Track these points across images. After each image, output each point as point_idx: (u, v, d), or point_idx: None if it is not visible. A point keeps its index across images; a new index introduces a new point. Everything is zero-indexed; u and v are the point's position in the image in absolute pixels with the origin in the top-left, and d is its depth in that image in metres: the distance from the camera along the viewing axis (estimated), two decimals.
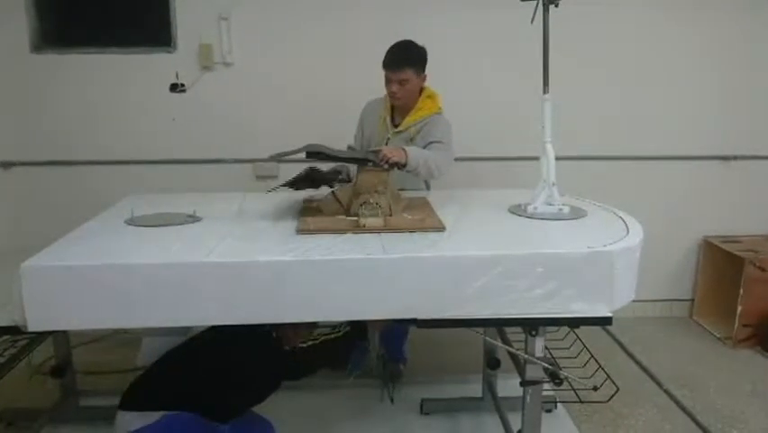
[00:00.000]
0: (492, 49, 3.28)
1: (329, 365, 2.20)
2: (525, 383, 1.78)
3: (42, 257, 1.58)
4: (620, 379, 1.92)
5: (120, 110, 3.27)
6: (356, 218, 1.88)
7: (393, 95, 2.44)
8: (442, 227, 1.85)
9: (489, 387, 2.53)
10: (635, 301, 1.76)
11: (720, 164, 3.52)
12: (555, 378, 1.73)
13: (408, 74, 2.38)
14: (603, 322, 1.65)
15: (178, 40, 3.20)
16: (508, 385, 2.27)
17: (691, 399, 2.72)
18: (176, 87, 3.24)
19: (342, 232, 1.81)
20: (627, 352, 3.17)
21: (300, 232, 1.80)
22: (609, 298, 1.65)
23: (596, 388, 1.72)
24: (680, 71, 3.39)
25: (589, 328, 1.72)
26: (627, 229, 1.87)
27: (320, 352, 2.04)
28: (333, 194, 2.11)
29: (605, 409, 2.56)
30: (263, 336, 1.94)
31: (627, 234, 1.82)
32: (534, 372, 1.75)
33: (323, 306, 1.60)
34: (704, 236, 3.59)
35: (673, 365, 3.05)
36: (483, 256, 1.61)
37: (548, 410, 2.52)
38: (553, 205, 2.02)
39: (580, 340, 1.94)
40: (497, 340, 2.11)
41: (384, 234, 1.79)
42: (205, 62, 3.21)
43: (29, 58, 3.17)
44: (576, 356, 1.89)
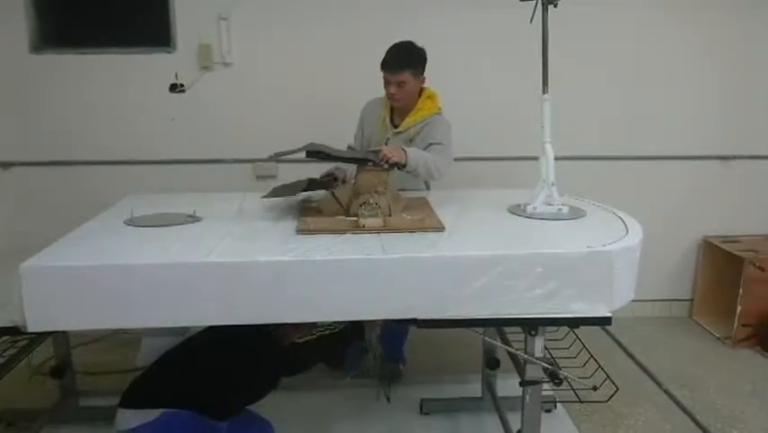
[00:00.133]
0: (492, 49, 3.28)
1: (325, 361, 2.21)
2: (525, 383, 1.78)
3: (42, 257, 1.58)
4: (620, 379, 1.92)
5: (119, 110, 3.27)
6: (356, 218, 1.88)
7: (391, 96, 2.44)
8: (441, 227, 1.85)
9: (489, 387, 2.53)
10: (634, 301, 1.76)
11: (720, 164, 3.52)
12: (555, 378, 1.73)
13: (406, 76, 2.37)
14: (602, 322, 1.65)
15: (178, 40, 3.20)
16: (508, 385, 2.27)
17: (691, 399, 2.72)
18: (175, 88, 3.24)
19: (342, 232, 1.81)
20: (627, 352, 3.17)
21: (300, 232, 1.81)
22: (609, 298, 1.66)
23: (595, 388, 1.72)
24: (679, 71, 3.39)
25: (588, 328, 1.72)
26: (627, 229, 1.87)
27: (316, 347, 2.05)
28: (333, 194, 2.11)
29: (604, 409, 2.56)
30: (261, 333, 1.94)
31: (627, 234, 1.82)
32: (534, 372, 1.76)
33: (322, 306, 1.60)
34: (704, 236, 3.59)
35: (673, 365, 3.05)
36: (483, 256, 1.61)
37: (548, 410, 2.52)
38: (552, 205, 2.02)
39: (580, 340, 1.94)
40: (496, 340, 2.11)
41: (384, 235, 1.79)
42: (205, 62, 3.21)
43: (28, 58, 3.17)
44: (576, 356, 1.89)
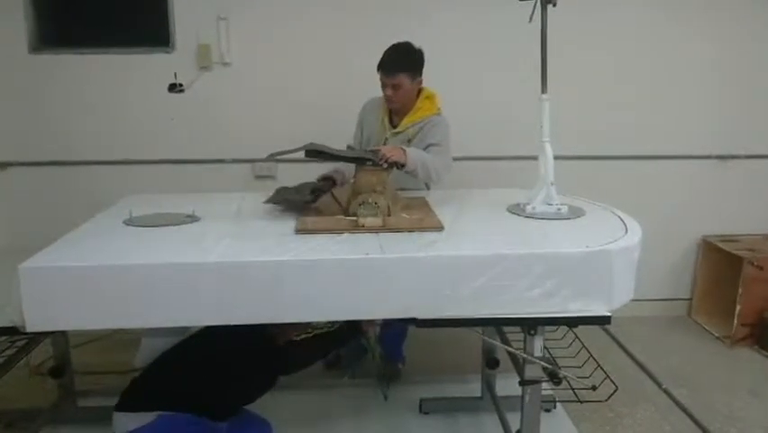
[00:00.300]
0: (491, 48, 3.27)
1: (322, 359, 2.20)
2: (524, 383, 1.78)
3: (40, 258, 1.58)
4: (619, 378, 1.92)
5: (118, 110, 3.27)
6: (355, 218, 1.87)
7: (388, 99, 2.44)
8: (440, 227, 1.85)
9: (488, 386, 2.53)
10: (633, 300, 1.76)
11: (719, 164, 3.52)
12: (554, 377, 1.73)
13: (401, 79, 2.37)
14: (602, 321, 1.65)
15: (177, 40, 3.20)
16: (507, 385, 2.27)
17: (690, 398, 2.72)
18: (174, 88, 3.23)
19: (341, 232, 1.81)
20: (626, 351, 3.17)
21: (299, 232, 1.80)
22: (608, 297, 1.66)
23: (595, 387, 1.72)
24: (679, 71, 3.39)
25: (587, 328, 1.72)
26: (626, 228, 1.87)
27: (313, 346, 2.05)
28: (332, 194, 2.11)
29: (604, 409, 2.57)
30: (258, 332, 1.94)
31: (626, 233, 1.82)
32: (533, 371, 1.76)
33: (322, 305, 1.60)
34: (703, 236, 3.59)
35: (672, 365, 3.05)
36: (482, 256, 1.61)
37: (547, 410, 2.52)
38: (551, 204, 2.02)
39: (579, 339, 1.94)
40: (496, 339, 2.11)
41: (382, 234, 1.79)
42: (204, 62, 3.21)
43: (27, 58, 3.17)
44: (575, 356, 1.89)
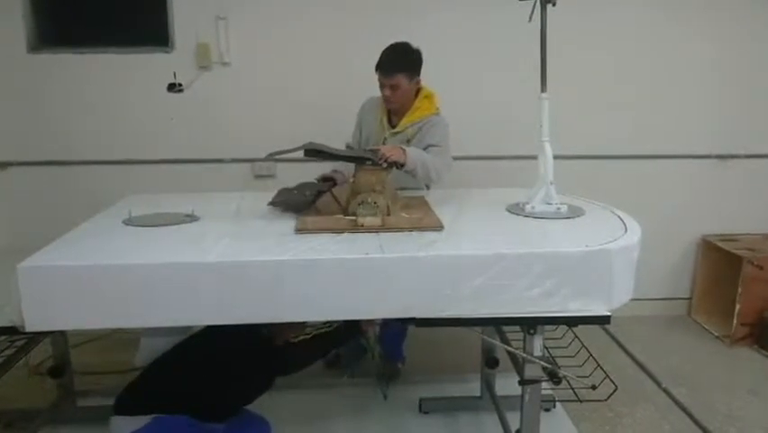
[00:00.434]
0: (490, 48, 3.27)
1: (321, 359, 2.19)
2: (524, 382, 1.78)
3: (40, 257, 1.58)
4: (619, 378, 1.92)
5: (117, 110, 3.26)
6: (354, 218, 1.87)
7: (387, 99, 2.44)
8: (440, 226, 1.85)
9: (488, 386, 2.53)
10: (633, 300, 1.76)
11: (719, 163, 3.52)
12: (554, 377, 1.73)
13: (399, 79, 2.37)
14: (601, 321, 1.65)
15: (176, 39, 3.20)
16: (507, 384, 2.27)
17: (690, 397, 2.72)
18: (173, 87, 3.23)
19: (341, 231, 1.81)
20: (626, 350, 3.17)
21: (299, 231, 1.80)
22: (608, 296, 1.66)
23: (594, 387, 1.72)
24: (678, 70, 3.38)
25: (587, 327, 1.71)
26: (625, 228, 1.87)
27: (312, 346, 2.05)
28: (332, 193, 2.11)
29: (603, 408, 2.57)
30: (255, 333, 1.93)
31: (625, 232, 1.82)
32: (533, 371, 1.76)
33: (321, 305, 1.60)
34: (702, 235, 3.59)
35: (672, 364, 3.05)
36: (481, 255, 1.61)
37: (547, 409, 2.52)
38: (550, 204, 2.02)
39: (579, 339, 1.94)
40: (495, 339, 2.11)
41: (382, 234, 1.79)
42: (203, 62, 3.21)
43: (26, 58, 3.16)
44: (574, 355, 1.89)
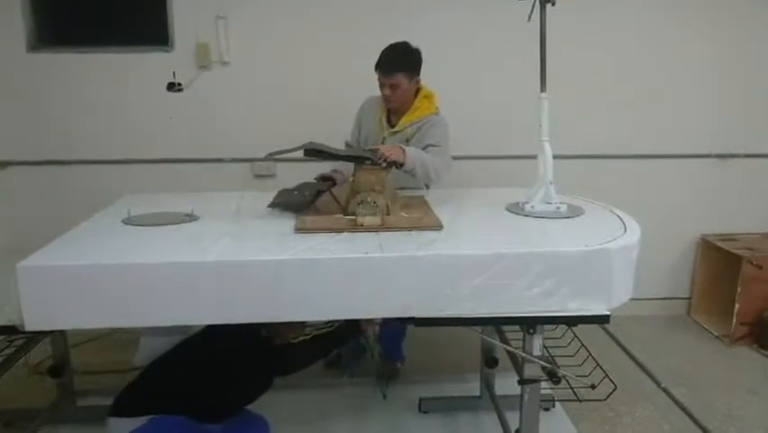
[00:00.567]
0: (489, 48, 3.27)
1: (321, 359, 2.19)
2: (523, 382, 1.78)
3: (39, 257, 1.58)
4: (618, 377, 1.92)
5: (117, 109, 3.26)
6: (354, 217, 1.87)
7: (386, 98, 2.44)
8: (439, 226, 1.85)
9: (487, 386, 2.53)
10: (632, 299, 1.76)
11: (718, 162, 3.52)
12: (553, 376, 1.73)
13: (399, 79, 2.37)
14: (601, 320, 1.65)
15: (176, 39, 3.20)
16: (506, 384, 2.27)
17: (689, 397, 2.72)
18: (173, 87, 3.23)
19: (340, 231, 1.81)
20: (625, 350, 3.17)
21: (298, 231, 1.80)
22: (607, 296, 1.66)
23: (594, 386, 1.72)
24: (678, 70, 3.39)
25: (586, 327, 1.72)
26: (625, 227, 1.87)
27: (312, 346, 2.05)
28: (331, 193, 2.11)
29: (603, 408, 2.57)
30: (254, 334, 1.93)
31: (625, 232, 1.82)
32: (532, 370, 1.76)
33: (321, 305, 1.60)
34: (702, 234, 3.59)
35: (671, 363, 3.05)
36: (481, 255, 1.61)
37: (546, 409, 2.52)
38: (550, 203, 2.02)
39: (578, 339, 1.94)
40: (495, 339, 2.11)
41: (381, 233, 1.79)
42: (203, 61, 3.21)
43: (25, 57, 3.16)
44: (574, 355, 1.89)
